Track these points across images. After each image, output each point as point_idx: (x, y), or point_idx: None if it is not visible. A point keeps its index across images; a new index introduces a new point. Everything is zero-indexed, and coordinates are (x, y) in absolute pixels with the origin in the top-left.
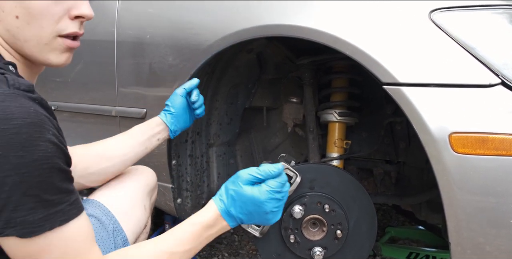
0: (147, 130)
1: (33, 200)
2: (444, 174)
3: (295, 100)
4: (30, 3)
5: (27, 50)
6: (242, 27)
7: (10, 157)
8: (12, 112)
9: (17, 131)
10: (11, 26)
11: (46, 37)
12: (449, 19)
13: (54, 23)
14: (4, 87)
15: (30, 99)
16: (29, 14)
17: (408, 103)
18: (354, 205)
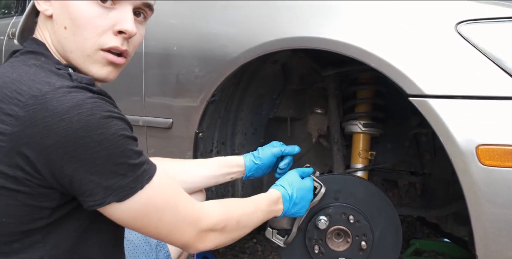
0: (225, 167)
1: (122, 167)
2: (471, 187)
3: (319, 111)
4: (77, 14)
5: (73, 61)
6: (268, 39)
7: (93, 136)
8: (82, 99)
9: (91, 113)
10: (61, 36)
11: (88, 48)
12: (475, 31)
13: (97, 36)
14: (68, 81)
15: (92, 91)
16: (75, 25)
17: (434, 115)
18: (379, 216)
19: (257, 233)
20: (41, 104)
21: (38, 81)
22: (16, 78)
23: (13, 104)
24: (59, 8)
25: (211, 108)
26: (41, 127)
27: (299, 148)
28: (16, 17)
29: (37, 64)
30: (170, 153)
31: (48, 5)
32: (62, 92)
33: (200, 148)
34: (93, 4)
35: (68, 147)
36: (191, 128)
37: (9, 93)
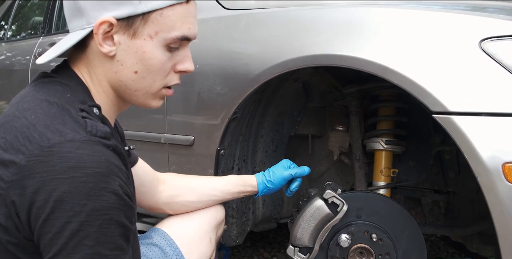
0: (241, 185)
1: (88, 251)
2: (498, 205)
3: (341, 128)
4: (152, 61)
5: (133, 97)
6: (289, 57)
7: (74, 204)
8: (84, 161)
9: (85, 179)
10: (127, 78)
11: (155, 88)
12: (500, 47)
13: (164, 77)
14: (82, 132)
15: (105, 146)
16: (148, 70)
17: (459, 132)
18: (403, 235)
19: (278, 251)
20: (44, 157)
21: (52, 128)
22: (33, 121)
23: (20, 151)
24: (129, 52)
25: (232, 125)
26: (35, 181)
27: (309, 169)
28: (42, 37)
29: (60, 103)
30: (192, 170)
31: (111, 46)
32: (69, 147)
33: (222, 165)
34: (164, 49)
35: (47, 208)
36: (212, 145)
37: (21, 138)
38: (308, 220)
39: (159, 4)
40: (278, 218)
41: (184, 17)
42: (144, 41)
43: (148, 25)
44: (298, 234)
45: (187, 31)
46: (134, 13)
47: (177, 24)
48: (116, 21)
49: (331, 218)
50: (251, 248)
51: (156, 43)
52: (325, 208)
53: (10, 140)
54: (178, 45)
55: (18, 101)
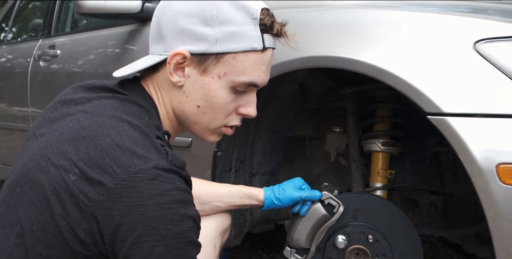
0: (247, 199)
1: None
2: (492, 206)
3: (338, 130)
4: (216, 99)
5: (191, 128)
6: (285, 59)
7: (160, 229)
8: (167, 189)
9: (169, 206)
10: (189, 110)
11: (214, 125)
12: (494, 49)
13: (225, 117)
14: (164, 161)
15: (180, 176)
16: (210, 107)
17: (454, 134)
18: (399, 236)
19: (276, 252)
20: (131, 183)
21: (137, 153)
22: (119, 143)
23: (107, 173)
24: (196, 86)
25: None
26: (122, 205)
27: (320, 194)
28: (42, 39)
29: (141, 127)
30: (189, 171)
31: (181, 77)
32: (153, 174)
33: (219, 167)
34: (230, 91)
35: (135, 232)
36: (209, 147)
37: (108, 160)
38: (304, 221)
39: (233, 48)
40: (276, 219)
41: (256, 65)
42: (212, 79)
43: (219, 65)
44: (294, 235)
45: (256, 78)
46: (208, 52)
47: (247, 70)
48: (190, 55)
49: (327, 219)
50: (250, 249)
51: (223, 83)
52: (321, 210)
53: (95, 158)
54: (244, 89)
55: (95, 113)
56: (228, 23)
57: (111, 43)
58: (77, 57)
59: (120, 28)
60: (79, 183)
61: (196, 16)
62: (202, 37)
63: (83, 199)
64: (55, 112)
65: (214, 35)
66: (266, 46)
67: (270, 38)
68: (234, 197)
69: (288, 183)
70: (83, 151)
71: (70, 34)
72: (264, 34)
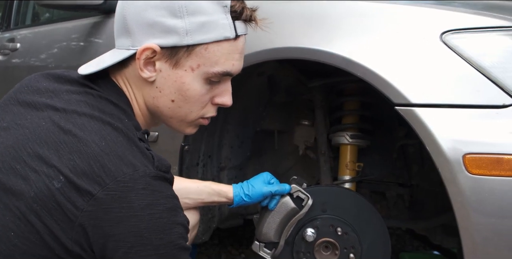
0: (215, 196)
1: None
2: (459, 196)
3: (306, 123)
4: (189, 92)
5: (167, 122)
6: (252, 50)
7: (153, 239)
8: (157, 198)
9: (160, 216)
10: (163, 105)
11: (190, 118)
12: (460, 40)
13: (200, 109)
14: (150, 167)
15: (167, 180)
16: (184, 100)
17: (421, 124)
18: (368, 229)
19: (246, 248)
20: (122, 193)
21: (125, 161)
22: (105, 149)
23: (97, 183)
24: (169, 80)
25: None
26: (113, 215)
27: (290, 187)
28: (1, 32)
29: (124, 130)
30: None
31: (152, 72)
32: (143, 184)
33: (186, 161)
34: (204, 82)
35: (127, 242)
36: (176, 141)
37: (97, 168)
38: (273, 215)
39: (205, 39)
40: (245, 214)
41: (230, 53)
42: (185, 72)
43: (191, 57)
44: (263, 229)
45: (230, 67)
46: (179, 44)
47: (221, 60)
48: (160, 49)
49: (296, 212)
50: (219, 245)
51: (197, 75)
52: (290, 203)
53: (82, 166)
54: (219, 79)
55: (68, 110)
56: (198, 13)
57: (74, 36)
58: (38, 50)
59: (83, 20)
60: (65, 192)
61: (164, 7)
62: (171, 29)
63: (71, 208)
64: (17, 104)
65: (184, 27)
66: (239, 33)
67: (242, 24)
68: (202, 194)
69: (256, 178)
70: (67, 157)
71: (31, 27)
72: (235, 22)
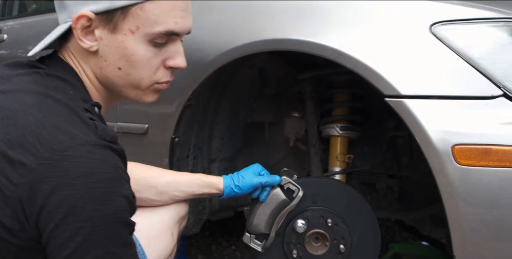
0: (205, 188)
1: (100, 251)
2: (448, 187)
3: (296, 115)
4: (135, 57)
5: (122, 93)
6: (243, 42)
7: (87, 210)
8: (96, 167)
9: (97, 185)
10: (112, 75)
11: (144, 85)
12: (450, 32)
13: (152, 74)
14: (93, 136)
15: (113, 150)
16: (131, 67)
17: (410, 115)
18: (358, 220)
19: (236, 239)
20: (56, 161)
21: (62, 130)
22: (42, 120)
23: (31, 153)
24: (111, 48)
25: (187, 112)
26: (48, 185)
27: (280, 178)
28: None
29: (65, 101)
30: (146, 159)
31: (92, 41)
32: (81, 151)
33: (177, 153)
34: (149, 45)
35: (59, 213)
36: (167, 134)
37: (31, 138)
38: (264, 206)
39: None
40: (236, 206)
41: (170, 11)
42: (125, 36)
43: (128, 19)
44: (254, 221)
45: (173, 26)
46: (112, 7)
47: (160, 19)
48: (94, 15)
49: (287, 204)
50: (210, 237)
51: (138, 38)
52: (280, 194)
53: (16, 138)
54: (165, 40)
55: (14, 90)
56: None
57: None
58: (26, 42)
59: None
60: (1, 167)
61: None
62: None
63: (6, 183)
64: None
65: None
66: None
67: None
68: (193, 186)
69: (247, 169)
70: (2, 131)
71: (18, 18)
72: None
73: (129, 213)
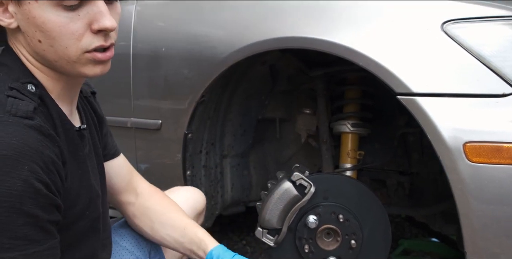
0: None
1: None
2: (459, 184)
3: (308, 112)
4: (47, 26)
5: (60, 69)
6: (256, 40)
7: None
8: None
9: None
10: (38, 49)
11: (72, 55)
12: (461, 30)
13: (76, 42)
14: (0, 112)
15: (26, 126)
16: (49, 37)
17: (422, 113)
18: (368, 215)
19: (247, 234)
20: None
21: None
22: None
23: None
24: (24, 21)
25: (200, 109)
26: None
27: None
28: None
29: None
30: (159, 155)
31: (9, 18)
32: None
33: (189, 149)
34: (58, 10)
35: None
36: (180, 129)
37: None
38: (276, 202)
39: None
40: (247, 202)
41: None
42: (29, 5)
43: None
44: (266, 216)
45: None
46: None
47: None
48: None
49: (298, 199)
50: (220, 232)
51: (42, 4)
52: (293, 190)
53: None
54: (76, 2)
55: None
56: None
57: None
58: None
59: None
60: None
61: None
62: None
63: None
64: None
65: None
66: None
67: None
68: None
69: None
70: None
71: None
72: None
73: (30, 200)
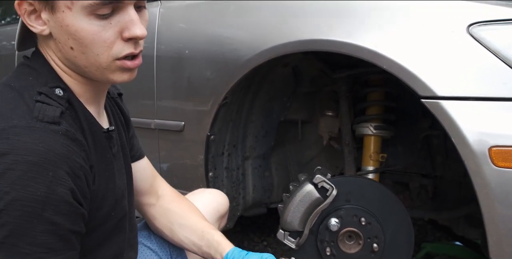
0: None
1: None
2: (484, 188)
3: (330, 114)
4: (80, 34)
5: (89, 74)
6: (279, 42)
7: None
8: (17, 148)
9: (12, 167)
10: (69, 56)
11: (103, 63)
12: (487, 32)
13: (108, 49)
14: (27, 117)
15: (53, 131)
16: (82, 45)
17: (447, 117)
18: (391, 219)
19: (268, 235)
20: None
21: (2, 114)
22: None
23: None
24: (57, 28)
25: (222, 111)
26: None
27: None
28: None
29: (18, 87)
30: (182, 156)
31: (42, 25)
32: (9, 133)
33: (212, 150)
34: (91, 18)
35: None
36: (202, 131)
37: None
38: (298, 204)
39: None
40: (268, 203)
41: None
42: (63, 13)
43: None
44: (288, 218)
45: None
46: None
47: None
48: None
49: (320, 202)
50: (241, 233)
51: (76, 13)
52: (315, 193)
53: None
54: (109, 11)
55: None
56: None
57: None
58: None
59: None
60: None
61: None
62: None
63: None
64: None
65: None
66: None
67: None
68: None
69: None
70: None
71: None
72: None
73: (53, 207)
